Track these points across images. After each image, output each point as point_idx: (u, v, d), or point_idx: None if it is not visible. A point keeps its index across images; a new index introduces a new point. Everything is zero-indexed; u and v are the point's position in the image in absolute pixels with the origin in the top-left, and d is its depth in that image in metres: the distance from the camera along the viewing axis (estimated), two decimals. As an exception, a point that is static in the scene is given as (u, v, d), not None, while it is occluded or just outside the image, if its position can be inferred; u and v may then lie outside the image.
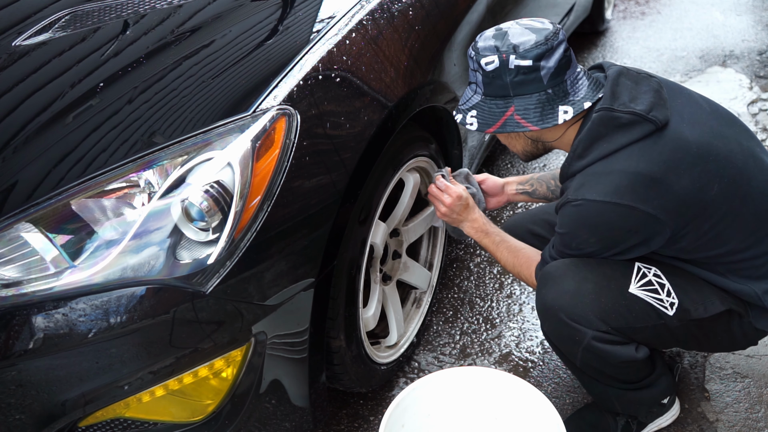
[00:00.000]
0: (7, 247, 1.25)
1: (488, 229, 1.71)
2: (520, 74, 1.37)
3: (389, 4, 1.74)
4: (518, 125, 1.40)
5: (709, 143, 1.38)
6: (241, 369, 1.36)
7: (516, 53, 1.36)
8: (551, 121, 1.38)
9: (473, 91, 1.47)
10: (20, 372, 1.23)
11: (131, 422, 1.36)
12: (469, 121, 1.46)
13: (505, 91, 1.40)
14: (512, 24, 1.44)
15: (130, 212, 1.27)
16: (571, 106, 1.38)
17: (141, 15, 1.77)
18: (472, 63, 1.43)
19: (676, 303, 1.45)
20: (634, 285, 1.45)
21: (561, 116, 1.38)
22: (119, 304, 1.22)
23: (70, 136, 1.38)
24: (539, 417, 1.47)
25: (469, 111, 1.46)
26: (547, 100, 1.38)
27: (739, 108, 3.23)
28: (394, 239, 1.92)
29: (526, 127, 1.40)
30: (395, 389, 1.95)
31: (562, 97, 1.39)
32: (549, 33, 1.38)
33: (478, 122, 1.44)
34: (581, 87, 1.41)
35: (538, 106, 1.39)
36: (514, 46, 1.37)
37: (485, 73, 1.41)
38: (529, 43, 1.37)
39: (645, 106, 1.36)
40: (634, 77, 1.43)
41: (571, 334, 1.47)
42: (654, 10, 4.59)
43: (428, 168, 1.95)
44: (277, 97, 1.37)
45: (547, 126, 1.39)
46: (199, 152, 1.30)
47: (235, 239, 1.27)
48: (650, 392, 1.60)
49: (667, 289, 1.46)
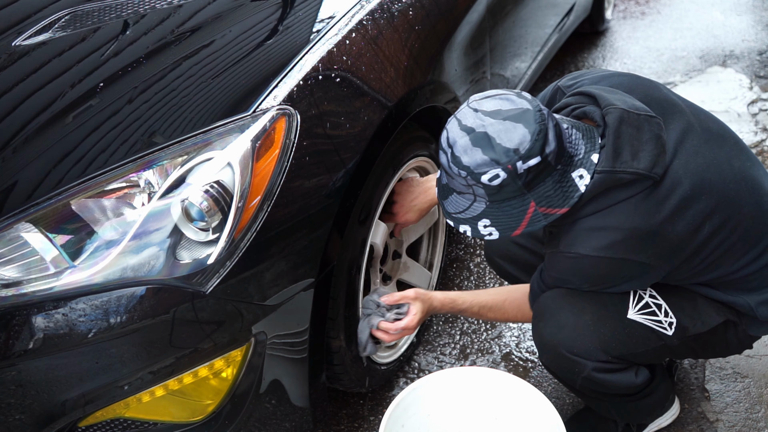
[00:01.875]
0: (7, 247, 1.25)
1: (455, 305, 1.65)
2: (531, 173, 1.23)
3: (389, 4, 1.74)
4: (547, 216, 1.28)
5: (703, 178, 1.32)
6: (241, 369, 1.36)
7: (520, 157, 1.20)
8: (575, 193, 1.27)
9: (470, 200, 1.30)
10: (20, 372, 1.23)
11: (131, 422, 1.36)
12: (485, 231, 1.31)
13: (518, 192, 1.25)
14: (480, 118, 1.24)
15: (130, 212, 1.27)
16: (582, 167, 1.27)
17: (141, 15, 1.77)
18: (464, 180, 1.25)
19: (674, 322, 1.44)
20: (632, 310, 1.43)
21: (580, 183, 1.27)
22: (119, 304, 1.22)
23: (70, 136, 1.38)
24: (539, 417, 1.47)
25: (479, 220, 1.30)
26: (561, 176, 1.26)
27: (739, 108, 3.23)
28: (394, 239, 1.92)
29: (555, 214, 1.28)
30: (395, 389, 1.95)
31: (570, 164, 1.27)
32: (535, 113, 1.22)
33: (498, 230, 1.30)
34: (578, 142, 1.29)
35: (556, 188, 1.26)
36: (514, 150, 1.20)
37: (490, 187, 1.24)
38: (526, 139, 1.20)
39: (647, 163, 1.27)
40: (635, 122, 1.30)
41: (570, 367, 1.46)
42: (654, 10, 4.59)
43: (428, 168, 1.95)
44: (277, 97, 1.37)
45: (574, 201, 1.27)
46: (199, 152, 1.30)
47: (235, 239, 1.27)
48: (650, 400, 1.59)
49: (664, 309, 1.44)
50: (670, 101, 1.40)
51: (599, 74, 1.47)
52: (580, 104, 1.38)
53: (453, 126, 1.27)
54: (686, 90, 3.42)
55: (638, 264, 1.32)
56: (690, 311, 1.45)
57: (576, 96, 1.41)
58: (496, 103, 1.25)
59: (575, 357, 1.44)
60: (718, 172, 1.34)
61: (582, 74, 1.50)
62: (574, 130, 1.30)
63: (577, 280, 1.42)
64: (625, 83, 1.41)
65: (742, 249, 1.38)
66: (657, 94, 1.40)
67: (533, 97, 1.28)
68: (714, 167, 1.34)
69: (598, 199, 1.30)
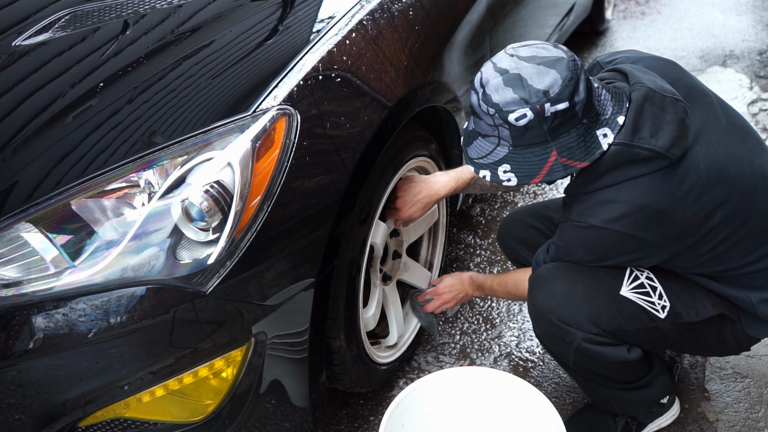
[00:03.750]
0: (7, 247, 1.25)
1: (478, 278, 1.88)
2: (557, 118, 1.26)
3: (389, 4, 1.74)
4: (567, 168, 1.30)
5: (721, 168, 1.34)
6: (241, 369, 1.36)
7: (549, 99, 1.24)
8: (596, 150, 1.30)
9: (493, 144, 1.33)
10: (20, 372, 1.23)
11: (131, 422, 1.36)
12: (504, 177, 1.34)
13: (542, 138, 1.29)
14: (516, 61, 1.29)
15: (130, 212, 1.27)
16: (607, 126, 1.30)
17: (141, 15, 1.77)
18: (491, 119, 1.29)
19: (667, 306, 1.45)
20: (626, 287, 1.45)
21: (603, 141, 1.29)
22: (119, 304, 1.22)
23: (70, 136, 1.38)
24: (539, 417, 1.47)
25: (499, 165, 1.34)
26: (585, 131, 1.29)
27: (739, 108, 3.23)
28: (394, 239, 1.92)
29: (575, 167, 1.31)
30: (395, 389, 1.95)
31: (596, 121, 1.30)
32: (569, 62, 1.27)
33: (518, 176, 1.33)
34: (606, 102, 1.32)
35: (579, 141, 1.29)
36: (544, 91, 1.24)
37: (516, 128, 1.28)
38: (557, 83, 1.24)
39: (665, 143, 1.29)
40: (659, 102, 1.33)
41: (561, 336, 1.47)
42: (654, 10, 4.59)
43: (428, 168, 1.95)
44: (277, 97, 1.37)
45: (595, 157, 1.30)
46: (199, 152, 1.30)
47: (235, 239, 1.27)
48: (648, 392, 1.60)
49: (659, 292, 1.45)
50: (701, 91, 1.44)
51: (637, 55, 1.51)
52: (613, 80, 1.42)
53: (487, 68, 1.32)
54: (686, 90, 3.42)
55: (644, 242, 1.34)
56: (685, 299, 1.46)
57: (610, 72, 1.46)
58: (532, 50, 1.30)
59: (565, 326, 1.45)
60: (737, 165, 1.36)
61: (621, 53, 1.54)
62: (604, 91, 1.34)
63: (581, 252, 1.44)
64: (660, 67, 1.45)
65: (751, 245, 1.39)
66: (689, 82, 1.44)
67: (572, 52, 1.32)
68: (733, 160, 1.37)
69: (614, 173, 1.32)
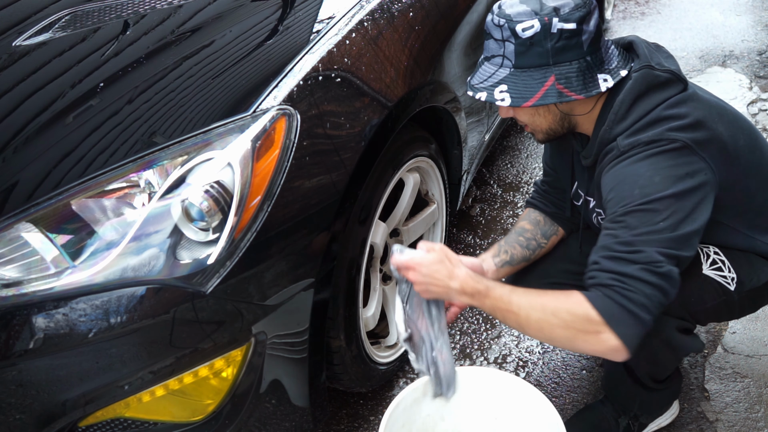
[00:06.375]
0: (8, 247, 1.25)
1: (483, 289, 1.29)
2: (562, 39, 1.28)
3: (389, 4, 1.74)
4: (561, 95, 1.30)
5: (722, 106, 1.41)
6: (241, 369, 1.36)
7: (558, 16, 1.27)
8: (594, 89, 1.31)
9: (497, 65, 1.34)
10: (20, 372, 1.24)
11: (131, 422, 1.36)
12: (499, 96, 1.32)
13: (543, 60, 1.30)
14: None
15: (130, 212, 1.27)
16: (609, 74, 1.33)
17: (141, 15, 1.77)
18: (499, 32, 1.31)
19: (735, 277, 1.44)
20: (706, 266, 1.43)
21: (602, 84, 1.31)
22: (119, 304, 1.22)
23: (70, 136, 1.38)
24: (539, 417, 1.47)
25: (497, 86, 1.33)
26: (587, 68, 1.31)
27: (739, 108, 3.23)
28: (394, 239, 1.92)
29: (570, 97, 1.30)
30: (395, 389, 1.95)
31: (599, 65, 1.32)
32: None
33: (512, 96, 1.32)
34: (613, 55, 1.36)
35: (579, 74, 1.30)
36: (555, 8, 1.27)
37: (521, 41, 1.29)
38: (569, 5, 1.28)
39: (675, 67, 1.35)
40: (651, 45, 1.41)
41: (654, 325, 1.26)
42: (654, 10, 4.59)
43: (428, 168, 1.96)
44: (277, 98, 1.37)
45: (591, 94, 1.31)
46: (199, 152, 1.30)
47: (235, 239, 1.27)
48: (669, 392, 1.64)
49: (727, 265, 1.44)
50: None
51: None
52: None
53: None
54: (686, 90, 3.43)
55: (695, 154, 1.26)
56: (746, 267, 1.45)
57: None
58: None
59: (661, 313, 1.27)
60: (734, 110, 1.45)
61: None
62: (613, 46, 1.37)
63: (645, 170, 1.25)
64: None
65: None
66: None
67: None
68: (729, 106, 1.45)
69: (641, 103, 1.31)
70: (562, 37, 1.28)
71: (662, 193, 1.21)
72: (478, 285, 1.29)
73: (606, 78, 1.32)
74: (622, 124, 1.32)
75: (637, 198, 1.22)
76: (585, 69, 1.31)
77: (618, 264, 1.20)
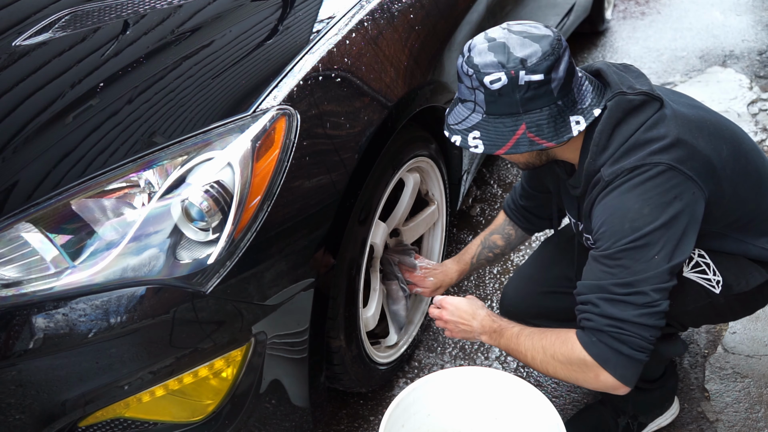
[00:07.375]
0: (7, 247, 1.25)
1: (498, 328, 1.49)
2: (531, 90, 1.27)
3: (389, 4, 1.74)
4: (532, 143, 1.29)
5: (702, 117, 1.38)
6: (241, 369, 1.36)
7: (525, 68, 1.25)
8: (565, 134, 1.30)
9: (469, 109, 1.34)
10: (20, 372, 1.24)
11: (131, 422, 1.36)
12: (472, 143, 1.33)
13: (513, 109, 1.29)
14: (505, 33, 1.31)
15: (130, 212, 1.27)
16: (581, 115, 1.31)
17: (141, 15, 1.77)
18: (469, 80, 1.30)
19: (721, 281, 1.44)
20: (687, 269, 1.43)
21: (574, 128, 1.30)
22: (119, 304, 1.22)
23: (70, 136, 1.38)
24: (539, 417, 1.47)
25: (470, 132, 1.33)
26: (558, 113, 1.29)
27: (739, 108, 3.23)
28: (394, 239, 1.92)
29: (541, 145, 1.30)
30: (395, 389, 1.95)
31: (571, 107, 1.31)
32: (553, 41, 1.28)
33: (485, 144, 1.32)
34: (586, 93, 1.34)
35: (550, 120, 1.29)
36: (522, 59, 1.25)
37: (490, 92, 1.28)
38: (536, 55, 1.26)
39: (647, 86, 1.35)
40: (619, 67, 1.41)
41: None
42: (654, 10, 4.59)
43: (428, 168, 1.95)
44: (277, 97, 1.37)
45: (563, 140, 1.30)
46: (199, 152, 1.30)
47: (235, 239, 1.27)
48: (663, 391, 1.64)
49: (712, 268, 1.44)
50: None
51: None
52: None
53: (479, 36, 1.35)
54: (686, 90, 3.42)
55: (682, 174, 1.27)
56: (735, 270, 1.45)
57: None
58: (524, 27, 1.33)
59: None
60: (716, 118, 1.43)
61: None
62: (587, 82, 1.36)
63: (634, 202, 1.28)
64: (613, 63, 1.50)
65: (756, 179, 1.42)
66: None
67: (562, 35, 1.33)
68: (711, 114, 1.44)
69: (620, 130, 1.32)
70: (531, 87, 1.26)
71: (653, 225, 1.25)
72: (494, 324, 1.50)
73: (578, 120, 1.31)
74: (604, 154, 1.33)
75: (628, 233, 1.26)
76: (556, 114, 1.29)
77: (616, 308, 1.26)
